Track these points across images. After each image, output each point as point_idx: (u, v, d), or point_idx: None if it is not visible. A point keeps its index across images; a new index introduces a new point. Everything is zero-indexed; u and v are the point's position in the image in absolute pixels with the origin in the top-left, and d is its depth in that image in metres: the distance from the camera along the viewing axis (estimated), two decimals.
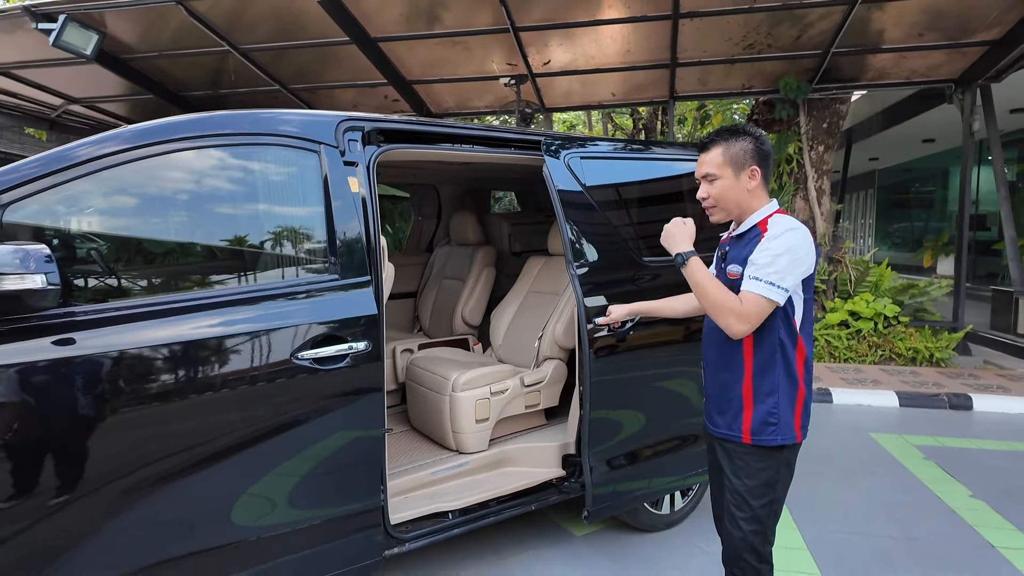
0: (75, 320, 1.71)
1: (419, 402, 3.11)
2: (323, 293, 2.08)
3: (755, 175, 1.80)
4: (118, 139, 1.82)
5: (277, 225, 2.11)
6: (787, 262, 1.67)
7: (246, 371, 1.89)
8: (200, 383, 1.82)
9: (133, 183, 1.85)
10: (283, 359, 1.94)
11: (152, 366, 1.76)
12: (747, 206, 1.82)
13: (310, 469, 2.01)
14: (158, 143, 1.88)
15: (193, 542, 1.84)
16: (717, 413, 1.87)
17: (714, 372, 1.88)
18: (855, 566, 2.80)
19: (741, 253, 1.79)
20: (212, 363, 1.85)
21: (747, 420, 1.79)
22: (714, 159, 1.82)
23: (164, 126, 1.92)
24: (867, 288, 7.11)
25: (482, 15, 6.02)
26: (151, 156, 1.87)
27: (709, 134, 1.88)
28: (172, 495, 1.78)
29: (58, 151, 1.75)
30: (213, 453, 1.85)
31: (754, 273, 1.69)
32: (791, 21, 5.82)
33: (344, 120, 2.22)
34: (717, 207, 1.85)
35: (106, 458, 1.69)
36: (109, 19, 6.18)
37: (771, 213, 1.80)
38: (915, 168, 15.76)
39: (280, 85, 7.51)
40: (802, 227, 1.74)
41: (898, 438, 4.53)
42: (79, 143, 1.77)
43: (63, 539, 1.64)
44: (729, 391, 1.82)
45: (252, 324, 1.92)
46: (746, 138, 1.81)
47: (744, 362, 1.79)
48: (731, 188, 1.80)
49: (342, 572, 2.13)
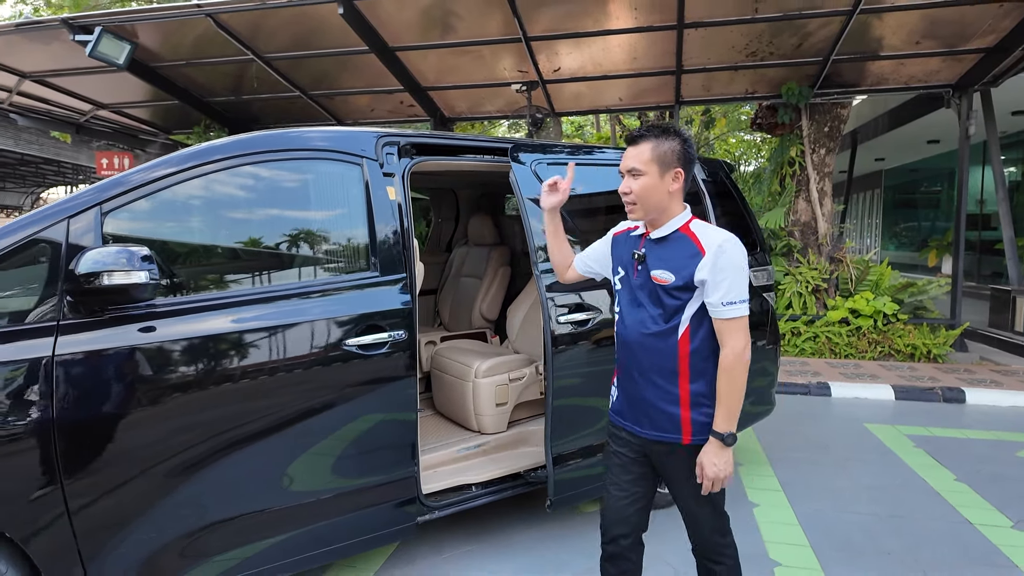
0: (155, 311, 2.01)
1: (444, 388, 3.40)
2: (366, 288, 2.37)
3: (678, 177, 1.80)
4: (197, 156, 2.12)
5: (326, 228, 2.40)
6: (743, 277, 1.74)
7: (302, 356, 2.19)
8: (261, 366, 2.11)
9: (208, 193, 2.15)
10: (333, 345, 2.23)
11: (221, 350, 2.05)
12: (666, 208, 1.81)
13: (354, 442, 2.30)
14: (228, 158, 2.17)
15: (256, 503, 2.14)
16: (649, 417, 1.84)
17: (645, 378, 1.84)
18: (840, 539, 3.06)
19: (670, 260, 1.78)
20: (272, 348, 2.14)
21: (687, 422, 1.79)
22: (641, 154, 1.80)
23: (234, 144, 2.21)
24: (867, 287, 7.34)
25: (494, 25, 6.31)
26: (221, 170, 2.16)
27: (639, 128, 1.87)
28: (239, 462, 2.08)
29: (147, 166, 2.05)
30: (272, 426, 2.14)
31: (725, 299, 1.71)
32: (792, 30, 6.08)
33: (383, 136, 2.52)
34: (638, 205, 1.81)
35: (188, 428, 1.99)
36: (140, 30, 6.51)
37: (691, 219, 1.83)
38: (921, 168, 15.92)
39: (300, 91, 7.83)
40: (732, 235, 1.78)
41: (891, 428, 4.77)
42: (164, 159, 2.07)
43: (157, 493, 1.94)
44: (667, 396, 1.80)
45: (307, 315, 2.21)
46: (675, 138, 1.80)
47: (680, 367, 1.79)
48: (654, 187, 1.78)
49: (382, 534, 2.43)
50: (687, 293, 1.76)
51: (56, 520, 1.79)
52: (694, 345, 1.78)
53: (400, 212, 2.49)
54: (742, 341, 1.73)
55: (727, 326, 1.73)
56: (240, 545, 2.12)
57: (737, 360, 1.73)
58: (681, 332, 1.78)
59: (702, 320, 1.78)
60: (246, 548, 2.13)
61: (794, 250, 7.52)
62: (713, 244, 1.74)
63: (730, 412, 1.73)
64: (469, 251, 4.56)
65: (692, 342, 1.78)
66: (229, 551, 2.10)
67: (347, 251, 2.42)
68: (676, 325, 1.78)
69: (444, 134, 2.82)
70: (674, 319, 1.78)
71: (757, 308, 3.74)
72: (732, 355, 1.73)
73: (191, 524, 2.03)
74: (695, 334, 1.78)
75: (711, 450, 1.74)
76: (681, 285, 1.76)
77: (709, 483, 1.74)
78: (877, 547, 2.98)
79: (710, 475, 1.73)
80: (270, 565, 2.19)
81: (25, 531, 1.76)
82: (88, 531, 1.84)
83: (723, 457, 1.73)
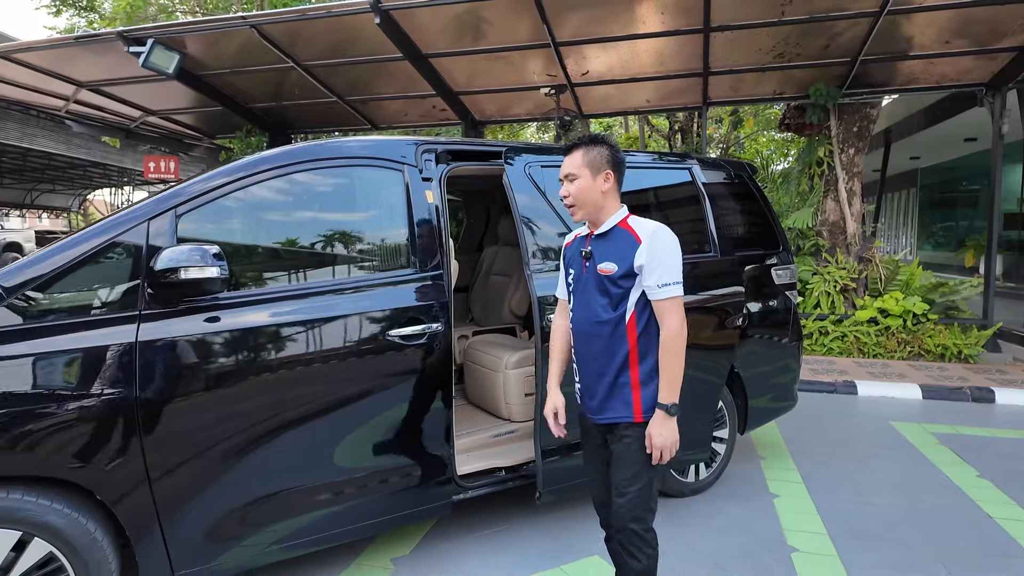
0: (219, 303, 2.24)
1: (477, 379, 3.60)
2: (406, 283, 2.58)
3: (608, 178, 2.00)
4: (258, 164, 2.36)
5: (370, 229, 2.63)
6: (675, 261, 1.93)
7: (350, 345, 2.41)
8: (312, 354, 2.33)
9: (267, 196, 2.38)
10: (378, 336, 2.44)
11: (277, 339, 2.28)
12: (602, 206, 2.00)
13: (396, 424, 2.51)
14: (285, 166, 2.41)
15: (307, 478, 2.36)
16: (604, 401, 1.99)
17: (599, 364, 1.99)
18: (858, 528, 3.16)
19: (612, 251, 1.96)
20: (322, 338, 2.36)
21: (637, 402, 1.95)
22: (575, 161, 2.01)
23: (290, 152, 2.44)
24: (897, 286, 7.31)
25: (524, 30, 6.49)
26: (279, 176, 2.40)
27: (572, 140, 2.08)
28: (292, 440, 2.30)
29: (215, 173, 2.29)
30: (322, 408, 2.36)
31: (660, 281, 1.90)
32: (819, 31, 6.12)
33: (422, 144, 2.73)
34: (577, 206, 2.01)
35: (248, 408, 2.22)
36: (189, 41, 6.87)
37: (627, 215, 2.02)
38: (957, 167, 15.57)
39: (337, 97, 8.13)
40: (664, 225, 1.97)
41: (916, 426, 4.81)
42: (231, 167, 2.32)
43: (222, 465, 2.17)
44: (620, 379, 1.96)
45: (354, 308, 2.43)
46: (603, 146, 2.02)
47: (630, 350, 1.95)
48: (588, 188, 1.98)
49: (421, 510, 2.64)
50: (629, 280, 1.95)
51: (139, 485, 2.04)
52: (640, 328, 1.96)
53: (437, 214, 2.69)
54: (678, 319, 1.91)
55: (664, 306, 1.92)
56: (293, 516, 2.34)
57: (675, 337, 1.91)
58: (628, 318, 1.97)
59: (646, 305, 1.97)
60: (298, 519, 2.36)
61: (822, 250, 7.52)
62: (647, 233, 1.94)
63: (671, 384, 1.91)
64: (499, 250, 4.75)
65: (638, 325, 1.96)
66: (283, 520, 2.32)
67: (389, 250, 2.63)
68: (623, 312, 1.97)
69: (476, 140, 3.02)
70: (620, 306, 1.97)
71: (780, 306, 3.85)
72: (670, 332, 1.91)
73: (251, 495, 2.26)
74: (640, 318, 1.97)
75: (657, 421, 1.91)
76: (623, 273, 1.95)
77: (658, 452, 1.90)
78: (895, 537, 3.08)
79: (657, 444, 1.90)
80: (319, 535, 2.42)
81: (113, 495, 2.00)
82: (165, 496, 2.08)
83: (668, 427, 1.90)
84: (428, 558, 2.84)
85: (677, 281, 1.93)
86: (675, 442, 1.91)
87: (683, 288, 1.95)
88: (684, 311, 1.94)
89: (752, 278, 3.71)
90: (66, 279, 2.02)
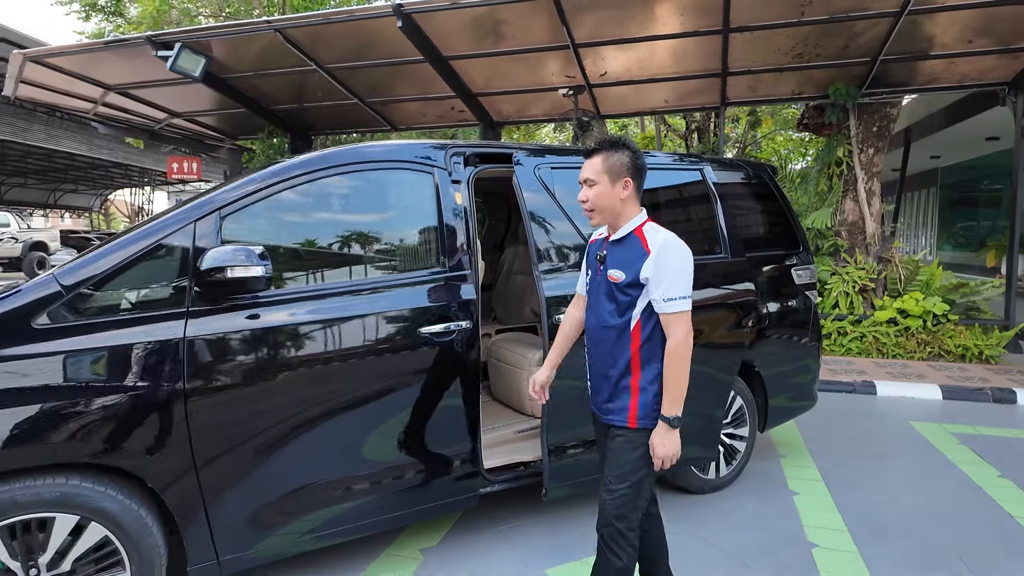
0: (258, 301, 2.34)
1: (501, 376, 3.68)
2: (436, 282, 2.66)
3: (628, 186, 1.98)
4: (297, 168, 2.46)
5: (402, 229, 2.72)
6: (683, 275, 1.92)
7: (382, 341, 2.50)
8: (346, 349, 2.42)
9: (305, 199, 2.48)
10: (409, 332, 2.53)
11: (313, 334, 2.37)
12: (620, 213, 2.00)
13: (426, 418, 2.60)
14: (322, 170, 2.50)
15: (340, 469, 2.45)
16: (606, 402, 2.04)
17: (604, 366, 2.03)
18: (878, 525, 3.19)
19: (623, 259, 1.98)
20: (357, 334, 2.45)
21: (634, 408, 1.98)
22: (595, 166, 1.99)
23: (326, 156, 2.54)
24: (917, 287, 7.28)
25: (543, 32, 6.55)
26: (316, 180, 2.49)
27: (594, 144, 2.04)
28: (327, 433, 2.39)
29: (257, 176, 2.39)
30: (355, 402, 2.45)
31: (667, 295, 1.90)
32: (838, 32, 6.12)
33: (450, 147, 2.81)
34: (595, 211, 2.01)
35: (286, 402, 2.32)
36: (214, 45, 7.03)
37: (643, 222, 2.01)
38: (979, 166, 15.37)
39: (358, 99, 8.26)
40: (675, 237, 1.97)
41: (936, 426, 4.81)
42: (272, 170, 2.41)
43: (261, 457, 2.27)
44: (621, 382, 1.99)
45: (387, 305, 2.52)
46: (624, 151, 1.99)
47: (632, 357, 1.97)
48: (606, 195, 1.98)
49: (448, 502, 2.72)
50: (636, 290, 1.95)
51: (186, 474, 2.14)
52: (643, 336, 1.97)
53: (466, 215, 2.78)
54: (682, 333, 1.91)
55: (669, 320, 1.92)
56: (327, 506, 2.44)
57: (679, 350, 1.91)
58: (632, 325, 1.97)
59: (652, 315, 1.96)
60: (332, 509, 2.45)
61: (841, 250, 7.51)
62: (656, 245, 1.93)
63: (675, 397, 1.92)
64: (519, 251, 4.82)
65: (642, 334, 1.97)
66: (318, 510, 2.42)
67: (420, 250, 2.71)
68: (628, 320, 1.97)
69: (502, 143, 3.09)
70: (627, 314, 1.98)
71: (800, 306, 3.89)
72: (674, 345, 1.92)
73: (288, 484, 2.35)
74: (645, 327, 1.97)
75: (660, 432, 1.93)
76: (630, 282, 1.95)
77: (659, 461, 1.94)
78: (915, 534, 3.11)
79: (659, 454, 1.93)
80: (352, 525, 2.51)
81: (163, 482, 2.11)
82: (210, 484, 2.18)
83: (670, 438, 1.92)
84: (454, 549, 2.93)
85: (684, 296, 1.92)
86: (676, 452, 1.94)
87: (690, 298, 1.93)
88: (691, 325, 1.94)
89: (772, 278, 3.76)
90: (119, 277, 2.12)
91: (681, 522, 3.20)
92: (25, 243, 18.28)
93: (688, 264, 1.95)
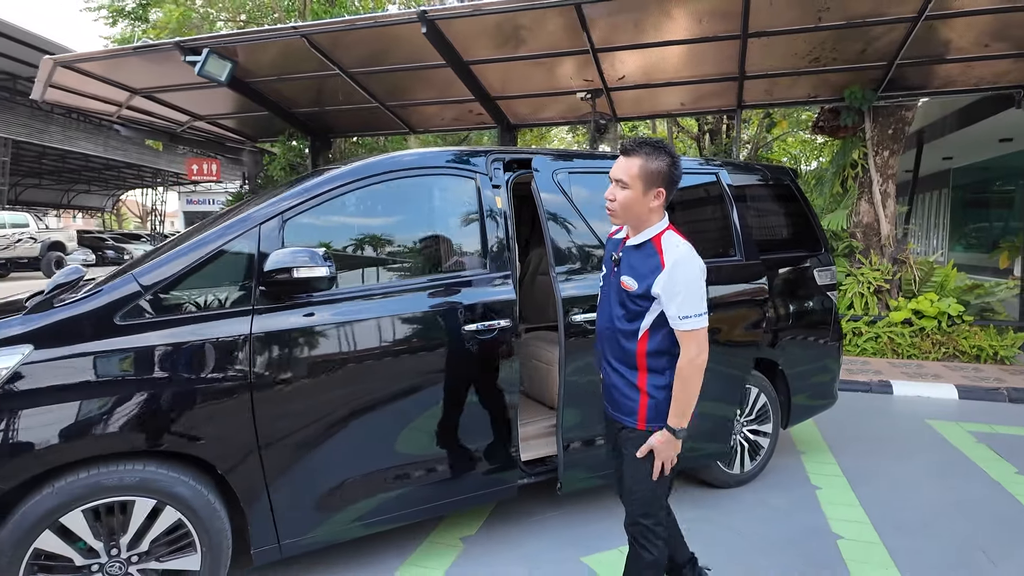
0: (312, 300, 2.47)
1: (533, 372, 3.81)
2: (479, 282, 2.79)
3: (660, 196, 1.93)
4: (351, 174, 2.60)
5: (448, 232, 2.85)
6: (696, 292, 1.89)
7: (430, 337, 2.63)
8: (395, 345, 2.56)
9: (357, 203, 2.62)
10: (454, 329, 2.66)
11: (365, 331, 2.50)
12: (645, 220, 1.96)
13: (468, 411, 2.73)
14: (373, 176, 2.64)
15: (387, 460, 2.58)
16: (615, 400, 2.06)
17: (613, 365, 2.06)
18: (900, 519, 3.30)
19: (637, 268, 1.95)
20: (405, 330, 2.59)
21: (643, 410, 1.99)
22: (630, 168, 1.91)
23: (376, 163, 2.68)
24: (932, 288, 7.36)
25: (563, 37, 6.66)
26: (367, 186, 2.63)
27: (633, 140, 1.95)
28: (376, 425, 2.53)
29: (315, 183, 2.53)
30: (402, 395, 2.58)
31: (681, 312, 1.87)
32: (856, 36, 6.21)
33: (492, 153, 2.94)
34: (618, 213, 1.96)
35: (341, 395, 2.45)
36: (240, 50, 7.18)
37: (663, 230, 1.96)
38: (992, 167, 15.38)
39: (378, 103, 8.40)
40: (689, 250, 1.92)
41: (953, 425, 4.90)
42: (329, 177, 2.56)
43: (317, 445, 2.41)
44: (629, 384, 2.01)
45: (433, 304, 2.66)
46: (665, 159, 1.91)
47: (639, 363, 1.99)
48: (636, 201, 1.92)
49: (489, 492, 2.85)
50: (646, 302, 1.94)
51: (252, 462, 2.28)
52: (651, 347, 1.97)
53: (505, 218, 2.90)
54: (694, 349, 1.89)
55: (682, 336, 1.91)
56: (375, 494, 2.57)
57: (690, 366, 1.90)
58: (640, 334, 1.97)
59: (661, 326, 1.95)
60: (380, 496, 2.58)
61: (856, 251, 7.59)
62: (671, 260, 1.89)
63: (682, 411, 1.93)
64: (543, 252, 4.95)
65: (649, 343, 1.97)
66: (367, 498, 2.56)
67: (464, 251, 2.85)
68: (636, 328, 1.98)
69: (533, 150, 3.22)
70: (635, 322, 1.97)
71: (819, 307, 4.00)
72: (686, 362, 1.90)
73: (341, 474, 2.49)
74: (652, 337, 1.96)
75: (663, 439, 1.95)
76: (641, 294, 1.93)
77: (659, 464, 1.97)
78: (936, 527, 3.21)
79: (659, 458, 1.96)
80: (396, 513, 2.64)
81: (232, 469, 2.25)
82: (273, 472, 2.32)
83: (672, 447, 1.96)
84: (493, 538, 3.06)
85: (699, 313, 1.88)
86: (673, 457, 1.98)
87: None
88: (705, 343, 1.92)
89: (795, 279, 3.87)
90: (191, 277, 2.26)
91: (709, 514, 3.32)
92: (44, 243, 18.55)
93: (700, 280, 1.91)
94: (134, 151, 27.15)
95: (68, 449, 2.03)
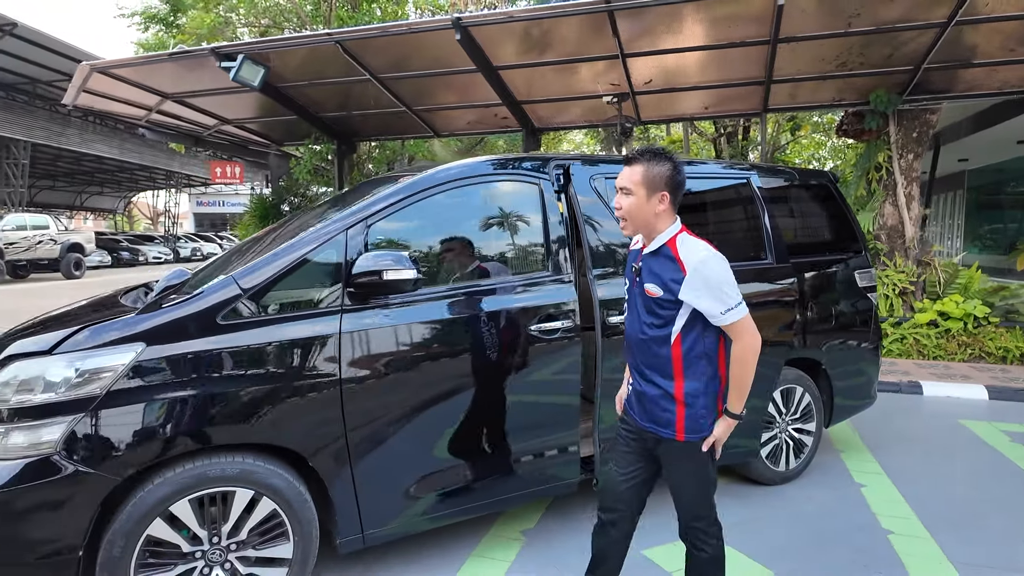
0: (390, 302, 2.57)
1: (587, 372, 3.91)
2: (544, 285, 2.90)
3: (664, 200, 1.96)
4: (427, 181, 2.71)
5: (514, 236, 2.96)
6: (728, 284, 1.92)
7: (500, 337, 2.73)
8: (469, 344, 2.67)
9: (432, 209, 2.73)
10: (525, 328, 2.77)
11: (442, 331, 2.62)
12: (654, 226, 1.99)
13: (535, 409, 2.84)
14: (447, 183, 2.75)
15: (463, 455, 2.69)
16: (648, 410, 2.05)
17: (645, 374, 2.05)
18: (944, 514, 3.38)
19: (658, 274, 1.98)
20: (478, 330, 2.69)
21: (680, 421, 1.99)
22: (633, 176, 1.97)
23: (450, 171, 2.79)
24: (956, 290, 7.41)
25: (592, 43, 6.77)
26: (441, 192, 2.74)
27: (636, 151, 2.02)
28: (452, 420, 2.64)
29: (394, 191, 2.64)
30: (475, 393, 2.69)
31: (721, 309, 1.90)
32: (884, 41, 6.28)
33: (553, 159, 3.05)
34: (628, 221, 2.01)
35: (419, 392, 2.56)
36: (273, 56, 7.31)
37: (676, 233, 1.99)
38: (1008, 169, 15.38)
39: (406, 107, 8.53)
40: (707, 248, 1.95)
41: (987, 424, 4.97)
42: (408, 185, 2.67)
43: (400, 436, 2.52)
44: (663, 392, 2.00)
45: (503, 305, 2.76)
46: (665, 164, 1.96)
47: (674, 369, 1.99)
48: (641, 207, 1.97)
49: (551, 487, 2.95)
50: (674, 306, 1.96)
51: (342, 455, 2.39)
52: (685, 349, 1.97)
53: (566, 223, 3.01)
54: (749, 336, 1.94)
55: (731, 329, 1.94)
56: (447, 486, 2.67)
57: (745, 354, 1.95)
58: (673, 339, 1.98)
59: (692, 327, 1.97)
60: (450, 490, 2.68)
61: (881, 253, 7.66)
62: (691, 264, 1.91)
63: (741, 395, 1.98)
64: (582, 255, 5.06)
65: (683, 346, 1.97)
66: (439, 491, 2.66)
67: (529, 255, 2.96)
68: (668, 333, 1.98)
69: (588, 156, 3.33)
70: (666, 328, 1.99)
71: (860, 308, 4.08)
72: (740, 350, 1.95)
73: (418, 468, 2.60)
74: (685, 340, 1.97)
75: (723, 422, 2.00)
76: (668, 299, 1.96)
77: (711, 442, 2.00)
78: (981, 522, 3.29)
79: (714, 437, 1.99)
80: (464, 507, 2.74)
81: (323, 462, 2.36)
82: (359, 466, 2.43)
83: (728, 429, 2.00)
84: (552, 531, 3.16)
85: (738, 302, 1.91)
86: (725, 439, 2.01)
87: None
88: (754, 326, 1.95)
89: (836, 281, 3.96)
90: (286, 279, 2.38)
91: (759, 512, 3.41)
92: (63, 244, 18.78)
93: (728, 272, 1.94)
94: (148, 154, 27.45)
95: (178, 441, 2.14)
